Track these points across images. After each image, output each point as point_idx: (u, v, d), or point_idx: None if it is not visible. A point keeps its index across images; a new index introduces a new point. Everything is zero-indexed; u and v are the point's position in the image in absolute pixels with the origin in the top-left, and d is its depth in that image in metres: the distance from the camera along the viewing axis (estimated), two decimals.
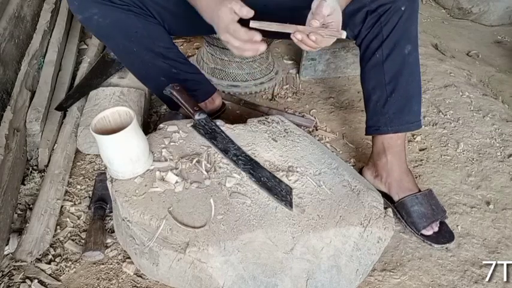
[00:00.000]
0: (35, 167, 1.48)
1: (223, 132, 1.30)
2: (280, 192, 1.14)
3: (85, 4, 1.30)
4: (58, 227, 1.31)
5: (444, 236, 1.33)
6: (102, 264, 1.23)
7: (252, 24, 1.07)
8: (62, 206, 1.36)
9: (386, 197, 1.39)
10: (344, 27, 1.32)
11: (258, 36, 1.08)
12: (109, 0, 1.30)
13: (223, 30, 1.11)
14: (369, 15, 1.27)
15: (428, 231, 1.33)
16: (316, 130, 1.71)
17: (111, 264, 1.23)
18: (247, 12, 1.08)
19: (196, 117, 1.32)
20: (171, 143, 1.27)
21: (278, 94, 1.88)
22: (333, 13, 1.06)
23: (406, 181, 1.37)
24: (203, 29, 1.34)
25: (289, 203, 1.12)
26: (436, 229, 1.33)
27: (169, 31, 1.45)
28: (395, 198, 1.37)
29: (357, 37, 1.34)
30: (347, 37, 1.20)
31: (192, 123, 1.33)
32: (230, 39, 1.10)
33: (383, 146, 1.37)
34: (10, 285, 1.16)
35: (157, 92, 1.60)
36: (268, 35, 1.17)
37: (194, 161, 1.21)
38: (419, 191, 1.36)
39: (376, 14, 1.26)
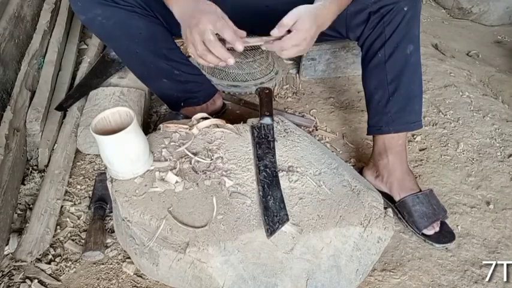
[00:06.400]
0: (35, 167, 1.48)
1: (273, 143, 1.26)
2: (274, 217, 1.07)
3: (88, 5, 1.30)
4: (58, 227, 1.31)
5: (445, 235, 1.33)
6: (102, 264, 1.23)
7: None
8: (62, 206, 1.36)
9: (387, 197, 1.39)
10: (346, 29, 1.34)
11: (232, 60, 1.06)
12: (113, 1, 1.29)
13: (197, 31, 1.04)
14: (372, 15, 1.28)
15: (429, 231, 1.33)
16: (316, 130, 1.71)
17: (111, 264, 1.23)
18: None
19: (262, 120, 1.32)
20: (171, 143, 1.27)
21: (278, 94, 1.88)
22: (297, 22, 1.09)
23: (408, 181, 1.38)
24: None
25: (270, 230, 1.04)
26: (437, 229, 1.34)
27: (171, 32, 1.44)
28: (397, 198, 1.37)
29: (360, 38, 1.35)
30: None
31: (252, 124, 1.33)
32: (198, 44, 1.05)
33: (384, 146, 1.38)
34: (10, 285, 1.16)
35: (159, 93, 1.60)
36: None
37: (194, 161, 1.21)
38: (420, 190, 1.37)
39: (378, 14, 1.27)
